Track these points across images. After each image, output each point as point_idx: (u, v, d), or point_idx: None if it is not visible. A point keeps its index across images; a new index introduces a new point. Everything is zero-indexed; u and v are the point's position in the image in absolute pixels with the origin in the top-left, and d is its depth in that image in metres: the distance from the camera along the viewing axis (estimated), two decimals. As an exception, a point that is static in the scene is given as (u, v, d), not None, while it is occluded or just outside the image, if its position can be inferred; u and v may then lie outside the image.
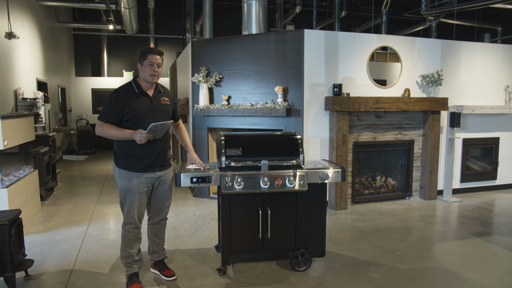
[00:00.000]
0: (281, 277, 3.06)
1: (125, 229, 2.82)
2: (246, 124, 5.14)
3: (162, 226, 3.07)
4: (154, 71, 2.71)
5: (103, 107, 2.74)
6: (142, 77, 2.77)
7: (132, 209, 2.78)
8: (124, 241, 2.83)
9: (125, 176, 2.74)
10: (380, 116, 5.22)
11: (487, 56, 5.82)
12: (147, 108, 2.73)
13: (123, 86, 2.79)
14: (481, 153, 6.10)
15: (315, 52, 4.85)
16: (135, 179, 2.74)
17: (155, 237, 3.04)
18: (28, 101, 6.32)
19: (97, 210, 4.96)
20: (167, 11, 12.76)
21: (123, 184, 2.75)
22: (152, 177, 2.81)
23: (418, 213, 4.82)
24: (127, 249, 2.84)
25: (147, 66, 2.71)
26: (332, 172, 3.11)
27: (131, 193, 2.75)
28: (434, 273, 3.14)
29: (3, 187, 3.93)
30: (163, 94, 2.89)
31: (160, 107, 2.82)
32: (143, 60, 2.73)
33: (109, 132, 2.67)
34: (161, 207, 2.97)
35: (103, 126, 2.69)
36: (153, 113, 2.76)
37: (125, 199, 2.78)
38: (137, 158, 2.73)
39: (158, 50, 2.77)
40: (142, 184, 2.77)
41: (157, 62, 2.72)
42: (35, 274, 3.09)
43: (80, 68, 12.59)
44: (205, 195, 5.60)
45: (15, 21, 6.49)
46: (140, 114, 2.70)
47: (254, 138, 3.26)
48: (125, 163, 2.74)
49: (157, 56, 2.73)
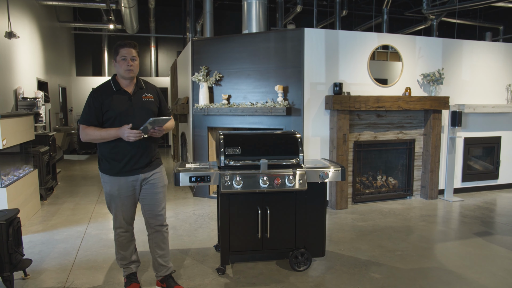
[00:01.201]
0: (281, 277, 3.04)
1: (116, 233, 2.73)
2: (246, 123, 5.12)
3: (163, 234, 2.78)
4: (128, 65, 2.53)
5: (83, 110, 2.58)
6: (118, 74, 2.60)
7: (119, 214, 2.67)
8: (117, 245, 2.75)
9: (107, 180, 2.62)
10: (381, 115, 5.20)
11: (488, 54, 5.79)
12: (125, 106, 2.55)
13: (101, 85, 2.63)
14: (483, 152, 6.07)
15: (315, 51, 4.83)
16: (117, 183, 2.59)
17: (157, 248, 2.77)
18: (28, 101, 6.32)
19: (97, 210, 4.95)
20: (167, 11, 12.75)
21: (106, 189, 2.64)
22: (135, 180, 2.63)
23: (419, 213, 4.79)
24: (121, 252, 2.76)
25: (120, 61, 2.53)
26: (332, 171, 3.09)
27: (115, 198, 2.63)
28: (435, 273, 3.12)
29: (2, 187, 3.92)
30: (145, 90, 2.68)
31: (141, 104, 2.62)
32: (116, 55, 2.56)
33: (93, 135, 2.52)
34: (155, 213, 2.73)
35: (86, 130, 2.53)
36: (133, 111, 2.57)
37: (110, 204, 2.67)
38: (116, 161, 2.57)
39: (131, 43, 2.57)
40: (124, 189, 2.61)
41: (130, 56, 2.53)
42: (34, 274, 3.07)
43: (81, 68, 12.59)
44: (205, 195, 5.58)
45: (15, 21, 6.48)
46: (118, 113, 2.53)
47: (253, 137, 3.24)
48: (106, 167, 2.60)
49: (131, 49, 2.54)
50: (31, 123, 4.93)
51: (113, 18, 9.97)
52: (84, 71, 12.60)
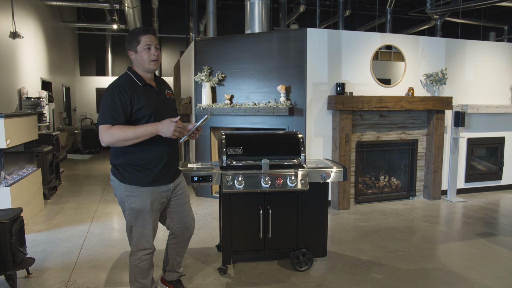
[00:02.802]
0: (282, 276, 3.04)
1: (137, 257, 2.30)
2: (249, 123, 5.12)
3: (187, 243, 2.60)
4: (154, 55, 2.21)
5: (103, 108, 2.14)
6: (140, 66, 2.24)
7: (148, 233, 2.28)
8: (136, 272, 2.33)
9: (136, 193, 2.21)
10: (384, 116, 5.19)
11: (492, 55, 5.76)
12: (156, 104, 2.22)
13: (122, 79, 2.22)
14: (486, 152, 6.04)
15: (318, 51, 4.83)
16: (149, 195, 2.23)
17: (177, 256, 2.59)
18: (32, 100, 6.36)
19: (100, 209, 4.98)
20: (170, 11, 12.78)
21: (135, 204, 2.22)
22: (166, 191, 2.34)
23: (421, 213, 4.78)
24: (140, 280, 2.34)
25: (143, 50, 2.19)
26: (334, 172, 3.09)
27: (145, 214, 2.24)
28: (437, 273, 3.11)
29: (6, 186, 3.95)
30: (165, 86, 2.42)
31: (166, 101, 2.33)
32: (136, 44, 2.20)
33: (123, 134, 2.07)
34: (186, 224, 2.49)
35: (111, 130, 2.08)
36: (164, 109, 2.27)
37: (136, 222, 2.25)
38: (147, 169, 2.21)
39: (152, 29, 2.26)
40: (157, 201, 2.28)
41: (154, 44, 2.22)
42: (37, 273, 3.10)
43: (85, 68, 12.65)
44: (208, 194, 5.59)
45: (20, 21, 6.52)
46: (152, 112, 2.18)
47: (255, 137, 3.24)
48: (135, 177, 2.20)
49: (153, 37, 2.22)
50: (35, 122, 4.96)
51: (117, 18, 10.01)
52: (88, 71, 12.65)
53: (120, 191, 2.25)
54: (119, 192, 2.27)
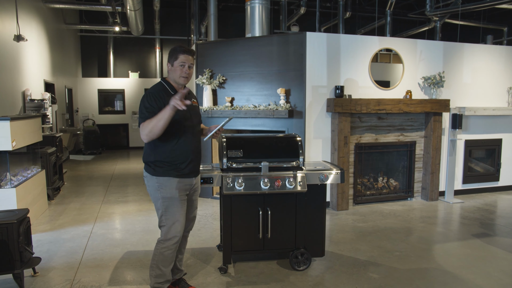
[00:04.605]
0: (281, 276, 3.13)
1: (165, 245, 2.56)
2: (249, 125, 5.21)
3: (186, 239, 2.85)
4: (185, 73, 2.53)
5: (142, 110, 2.49)
6: (172, 78, 2.58)
7: (180, 219, 2.57)
8: (160, 259, 2.57)
9: (167, 184, 2.54)
10: (382, 118, 5.26)
11: (489, 57, 5.84)
12: (184, 111, 2.49)
13: (157, 87, 2.58)
14: (484, 154, 6.11)
15: (317, 55, 4.91)
16: (178, 185, 2.56)
17: (178, 252, 2.77)
18: (35, 102, 6.44)
19: (103, 210, 5.06)
20: (172, 13, 12.87)
21: (166, 193, 2.54)
22: (189, 184, 2.66)
23: (419, 214, 4.86)
24: (162, 268, 2.58)
25: (178, 67, 2.51)
26: (332, 174, 3.17)
27: (176, 201, 2.55)
28: (432, 273, 3.19)
29: (11, 187, 4.04)
30: (191, 95, 2.74)
31: (193, 109, 2.65)
32: (173, 60, 2.53)
33: (149, 123, 2.40)
34: (189, 218, 2.77)
35: (143, 125, 2.44)
36: (191, 116, 2.61)
37: (167, 210, 2.55)
38: (176, 164, 2.55)
39: (190, 50, 2.55)
40: (183, 192, 2.60)
41: (189, 63, 2.53)
42: (43, 272, 3.18)
43: (87, 69, 12.74)
44: (209, 195, 5.67)
45: (24, 24, 6.62)
46: (181, 117, 2.52)
47: (255, 140, 3.33)
48: (166, 170, 2.54)
49: (190, 57, 2.53)
50: (39, 124, 5.05)
51: (119, 20, 10.11)
52: (90, 72, 12.74)
53: (152, 183, 2.58)
54: (151, 184, 2.58)
